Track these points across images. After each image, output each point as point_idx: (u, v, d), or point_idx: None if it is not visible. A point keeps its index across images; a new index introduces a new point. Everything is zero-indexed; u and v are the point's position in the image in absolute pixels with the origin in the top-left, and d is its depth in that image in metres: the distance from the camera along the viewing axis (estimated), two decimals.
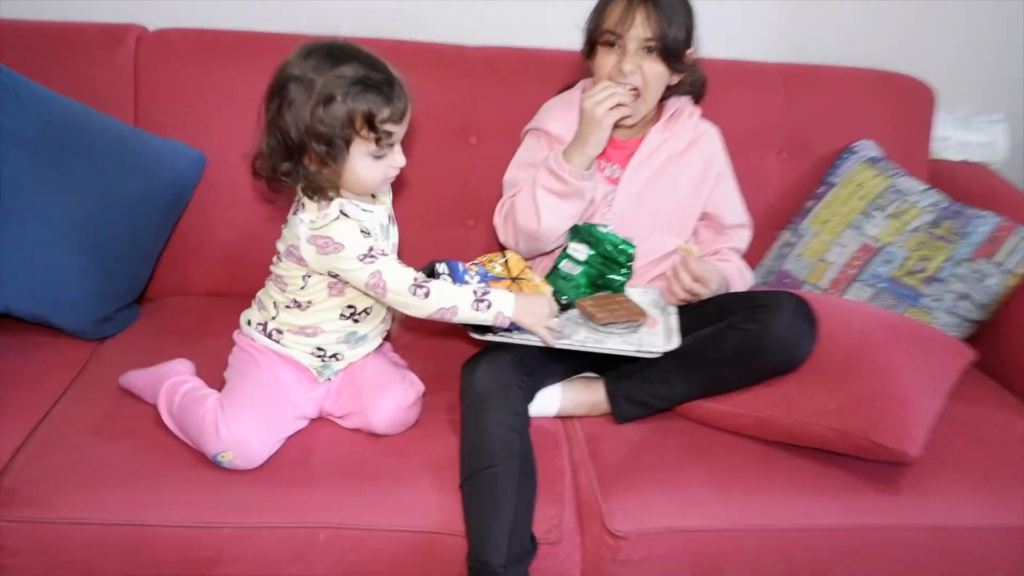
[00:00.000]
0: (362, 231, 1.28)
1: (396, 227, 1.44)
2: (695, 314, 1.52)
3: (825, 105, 1.93)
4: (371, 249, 1.27)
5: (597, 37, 1.55)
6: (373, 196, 1.37)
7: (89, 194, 1.56)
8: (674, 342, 1.43)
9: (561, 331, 1.42)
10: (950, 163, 2.06)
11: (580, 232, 1.62)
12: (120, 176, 1.59)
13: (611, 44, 1.52)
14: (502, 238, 1.67)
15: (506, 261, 1.57)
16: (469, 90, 1.82)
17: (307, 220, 1.27)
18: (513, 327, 1.41)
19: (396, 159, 1.30)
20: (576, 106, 1.64)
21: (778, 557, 1.32)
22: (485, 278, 1.53)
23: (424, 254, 1.83)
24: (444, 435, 1.39)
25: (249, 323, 1.40)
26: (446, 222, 1.86)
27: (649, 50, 1.50)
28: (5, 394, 1.42)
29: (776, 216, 1.92)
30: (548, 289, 1.55)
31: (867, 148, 1.89)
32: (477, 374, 1.35)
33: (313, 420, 1.41)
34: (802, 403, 1.37)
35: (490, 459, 1.28)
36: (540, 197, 1.54)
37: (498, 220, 1.68)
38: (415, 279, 1.30)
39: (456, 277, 1.50)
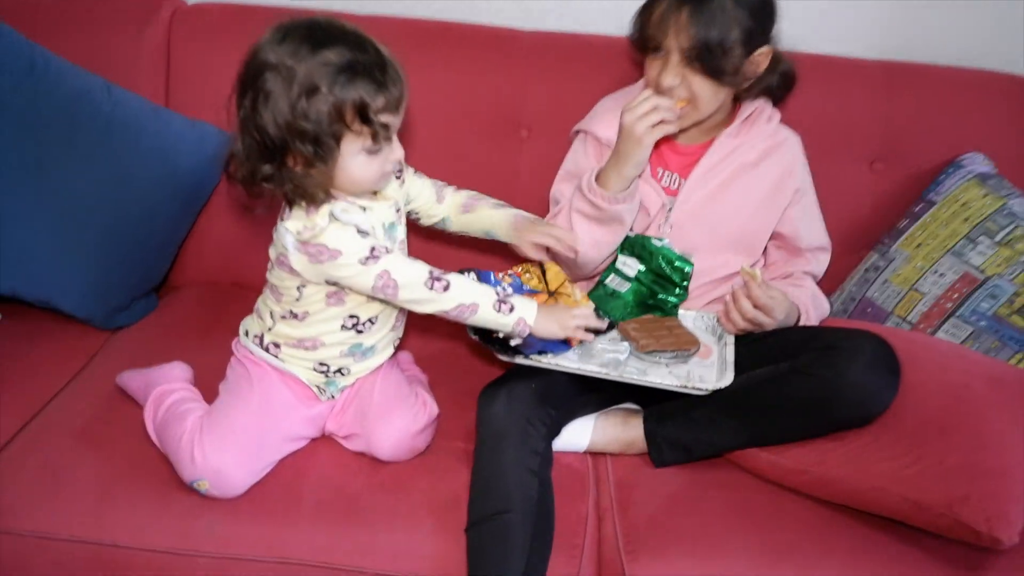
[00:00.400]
0: (360, 232, 1.12)
1: (404, 224, 1.28)
2: (755, 349, 1.32)
3: (931, 110, 1.67)
4: (373, 249, 1.12)
5: (639, 41, 1.35)
6: (374, 192, 1.21)
7: (101, 175, 1.46)
8: (727, 378, 1.23)
9: (592, 348, 1.24)
10: None
11: (632, 244, 1.44)
12: (136, 158, 1.48)
13: (655, 49, 1.32)
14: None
15: (544, 273, 1.40)
16: (521, 78, 1.64)
17: (294, 230, 1.12)
18: (543, 348, 1.24)
19: (394, 152, 1.13)
20: None
21: None
22: (519, 291, 1.36)
23: (463, 259, 1.70)
24: (455, 469, 1.23)
25: (247, 334, 1.27)
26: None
27: (690, 59, 1.28)
28: (6, 383, 1.35)
29: (863, 235, 1.68)
30: (590, 306, 1.38)
31: (976, 162, 1.63)
32: (495, 406, 1.19)
33: (314, 439, 1.28)
34: (875, 464, 1.16)
35: (503, 504, 1.12)
36: (576, 222, 1.36)
37: None
38: (430, 272, 1.14)
39: None
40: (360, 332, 1.22)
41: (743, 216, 1.42)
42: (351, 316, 1.20)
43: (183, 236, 1.63)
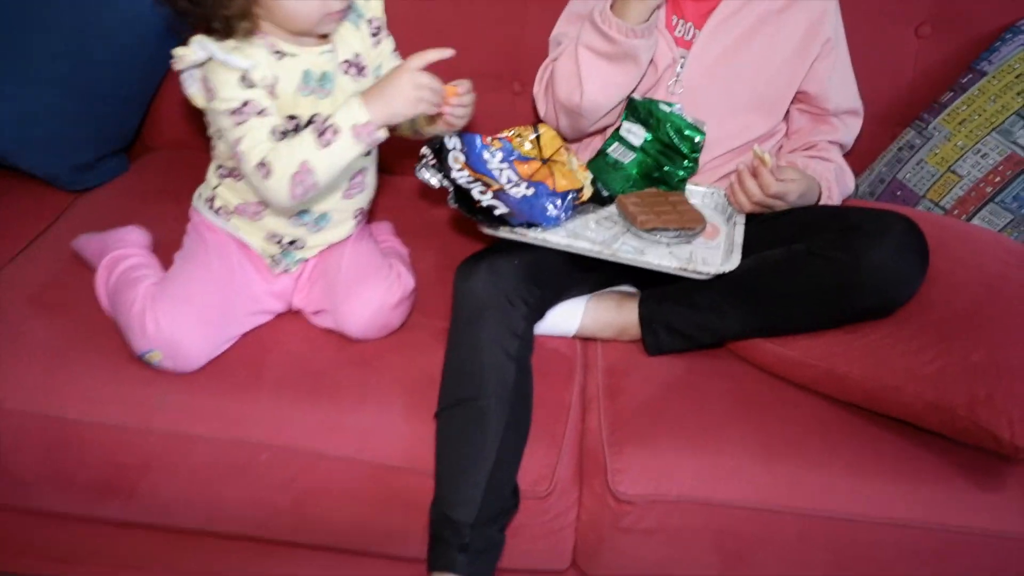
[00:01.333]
0: (244, 80, 0.99)
1: (356, 80, 1.12)
2: (768, 228, 1.19)
3: None
4: (245, 105, 0.99)
5: None
6: (323, 37, 1.06)
7: (62, 18, 1.32)
8: (733, 261, 1.11)
9: (587, 222, 1.12)
10: None
11: (637, 109, 1.29)
12: None
13: None
14: (542, 113, 1.35)
15: (538, 137, 1.26)
16: None
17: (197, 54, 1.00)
18: (531, 220, 1.12)
19: None
20: None
21: (823, 549, 1.04)
22: (509, 157, 1.24)
23: None
24: (430, 348, 1.13)
25: (199, 196, 1.15)
26: (488, 85, 1.52)
27: None
28: None
29: (902, 110, 1.51)
30: (587, 176, 1.24)
31: None
32: (473, 281, 1.08)
33: (281, 315, 1.18)
34: (892, 360, 1.04)
35: (476, 389, 1.03)
36: (583, 59, 1.21)
37: (538, 90, 1.36)
38: (262, 158, 1.01)
39: (472, 155, 1.21)
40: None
41: (767, 73, 1.26)
42: None
43: (154, 88, 1.49)
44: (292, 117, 1.05)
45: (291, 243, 1.14)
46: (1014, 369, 0.98)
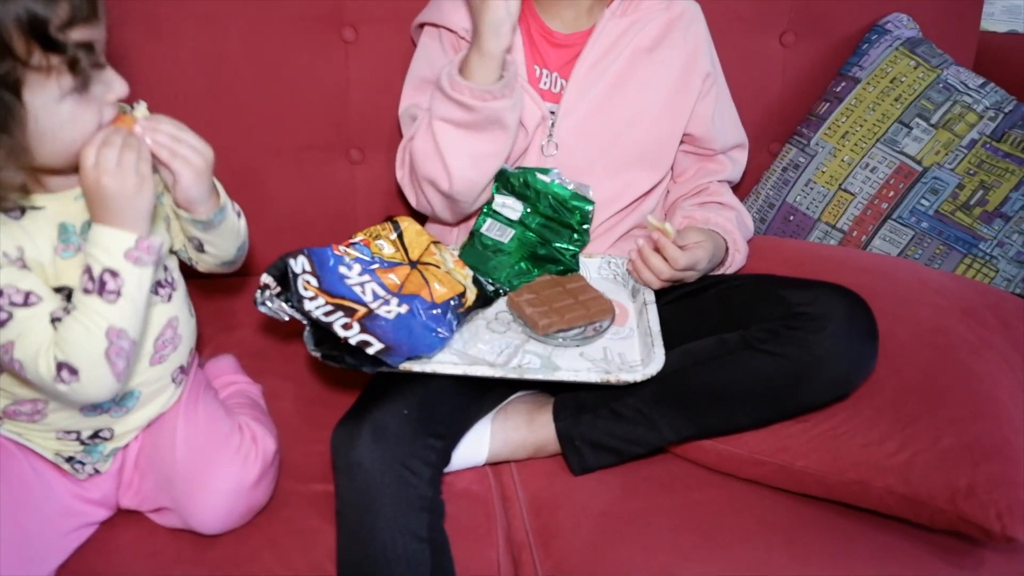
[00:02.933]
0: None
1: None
2: (686, 308, 1.03)
3: None
4: None
5: None
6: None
7: None
8: (656, 361, 0.94)
9: (478, 334, 0.93)
10: (997, 36, 1.55)
11: (509, 180, 1.09)
12: None
13: None
14: (413, 201, 1.14)
15: (400, 235, 1.04)
16: None
17: None
18: (412, 351, 0.91)
19: (113, 87, 0.75)
20: None
21: None
22: (369, 266, 1.00)
23: (294, 205, 1.30)
24: (316, 531, 0.90)
25: None
26: (320, 157, 1.30)
27: None
28: None
29: (776, 124, 1.40)
30: (467, 274, 1.04)
31: (901, 25, 1.36)
32: (357, 451, 0.85)
33: (115, 517, 0.91)
34: (852, 452, 0.91)
35: None
36: (441, 134, 1.01)
37: (401, 175, 1.14)
38: (55, 360, 0.74)
39: (327, 275, 0.97)
40: None
41: (647, 120, 1.10)
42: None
43: None
44: (60, 289, 0.78)
45: (94, 436, 0.86)
46: (987, 450, 0.87)
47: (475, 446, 1.00)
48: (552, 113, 1.09)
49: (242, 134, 1.26)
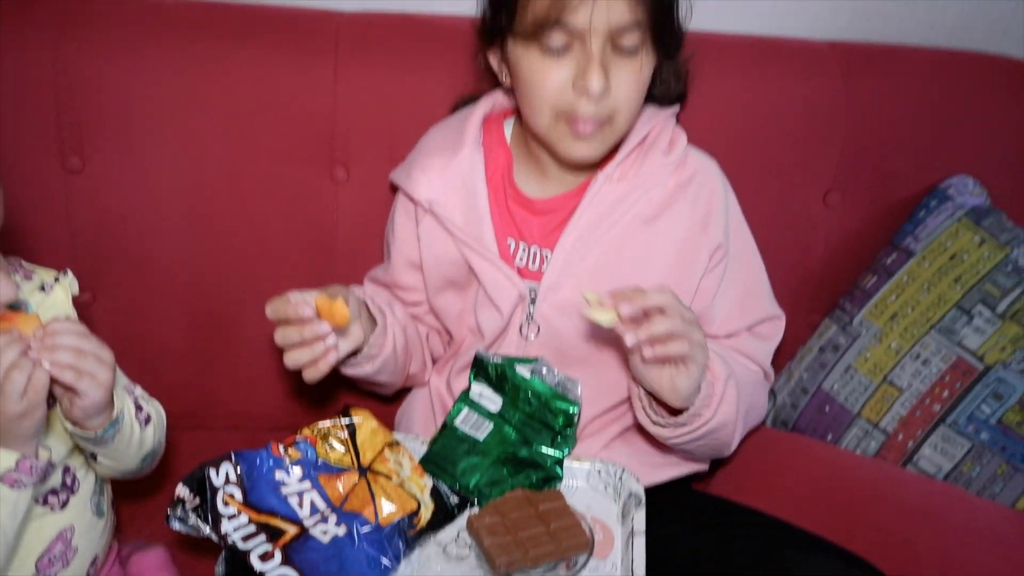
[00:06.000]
0: None
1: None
2: (682, 543, 0.87)
3: (903, 110, 1.19)
4: None
5: (518, 28, 0.84)
6: None
7: None
8: None
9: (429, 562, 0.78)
10: None
11: (487, 369, 0.95)
12: None
13: (554, 28, 0.83)
14: None
15: (352, 434, 0.91)
16: (332, 83, 1.11)
17: None
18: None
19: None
20: (469, 142, 0.96)
21: None
22: (312, 471, 0.87)
23: (269, 348, 1.19)
24: None
25: None
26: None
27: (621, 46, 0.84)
28: None
29: (817, 293, 1.24)
30: (425, 484, 0.90)
31: (966, 191, 1.19)
32: None
33: None
34: None
35: None
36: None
37: None
38: None
39: (257, 484, 0.84)
40: None
41: None
42: None
43: None
44: None
45: None
46: None
47: None
48: (532, 291, 0.95)
49: (218, 274, 1.17)
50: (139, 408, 0.83)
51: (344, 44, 1.12)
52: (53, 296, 0.79)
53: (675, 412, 0.89)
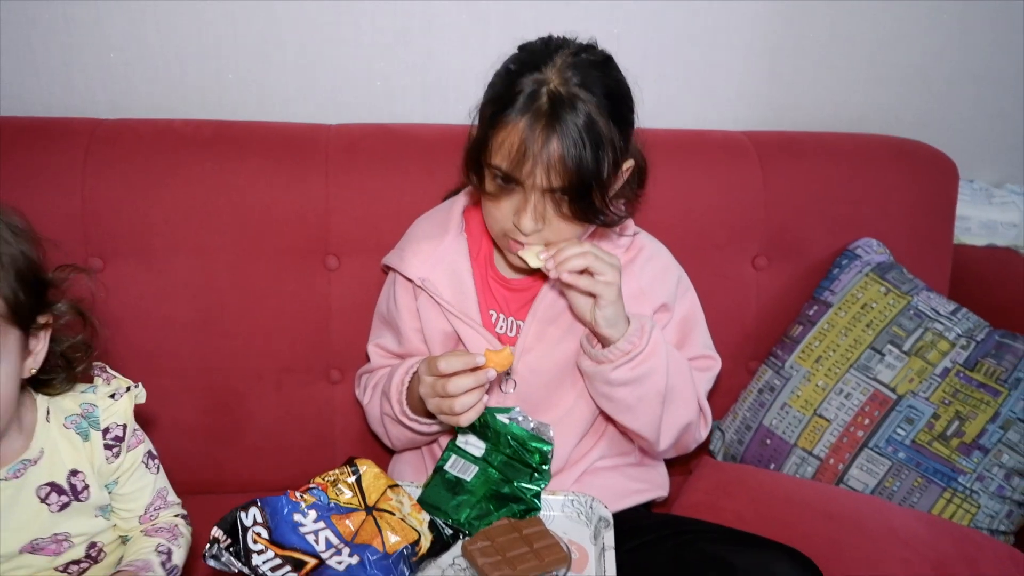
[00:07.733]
0: None
1: (55, 512, 0.89)
2: (642, 559, 1.02)
3: (814, 186, 1.40)
4: None
5: (491, 174, 1.01)
6: None
7: None
8: None
9: None
10: (975, 251, 1.57)
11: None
12: None
13: (506, 183, 0.99)
14: (369, 419, 1.17)
15: (359, 479, 1.05)
16: (324, 186, 1.29)
17: None
18: None
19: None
20: (453, 229, 1.14)
21: None
22: (325, 513, 1.01)
23: (273, 427, 1.34)
24: None
25: None
26: (300, 378, 1.34)
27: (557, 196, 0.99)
28: None
29: (753, 344, 1.42)
30: (424, 519, 1.04)
31: (871, 250, 1.39)
32: None
33: None
34: None
35: None
36: (389, 426, 1.12)
37: (359, 394, 1.19)
38: None
39: (280, 524, 0.97)
40: None
41: None
42: None
43: None
44: None
45: None
46: None
47: None
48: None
49: (226, 358, 1.31)
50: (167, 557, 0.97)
51: (333, 152, 1.31)
52: (120, 403, 0.93)
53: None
